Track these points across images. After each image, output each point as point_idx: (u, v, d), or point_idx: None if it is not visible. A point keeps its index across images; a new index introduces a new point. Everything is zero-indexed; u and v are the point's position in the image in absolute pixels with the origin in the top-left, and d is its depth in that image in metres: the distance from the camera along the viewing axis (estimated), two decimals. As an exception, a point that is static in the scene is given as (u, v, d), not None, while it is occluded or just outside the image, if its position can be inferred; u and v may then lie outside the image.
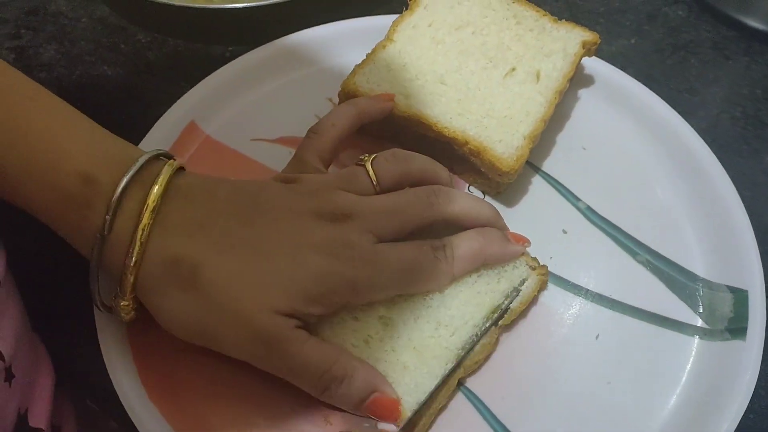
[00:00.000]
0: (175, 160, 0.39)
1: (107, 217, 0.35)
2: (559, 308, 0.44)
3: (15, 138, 0.36)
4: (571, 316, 0.44)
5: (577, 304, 0.44)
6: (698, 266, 0.45)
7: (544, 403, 0.41)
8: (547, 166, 0.50)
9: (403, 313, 0.40)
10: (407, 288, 0.40)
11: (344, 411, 0.39)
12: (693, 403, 0.40)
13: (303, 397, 0.38)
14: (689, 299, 0.44)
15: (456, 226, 0.42)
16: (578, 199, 0.48)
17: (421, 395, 0.38)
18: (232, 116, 0.51)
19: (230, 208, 0.38)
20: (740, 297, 0.43)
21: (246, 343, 0.36)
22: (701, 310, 0.44)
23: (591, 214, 0.48)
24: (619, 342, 0.43)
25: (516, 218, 0.47)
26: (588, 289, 0.45)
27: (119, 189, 0.36)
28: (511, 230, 0.45)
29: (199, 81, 0.51)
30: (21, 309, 0.37)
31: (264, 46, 0.53)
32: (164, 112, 0.49)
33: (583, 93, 0.53)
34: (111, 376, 0.39)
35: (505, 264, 0.43)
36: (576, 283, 0.45)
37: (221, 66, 0.52)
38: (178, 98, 0.50)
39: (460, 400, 0.41)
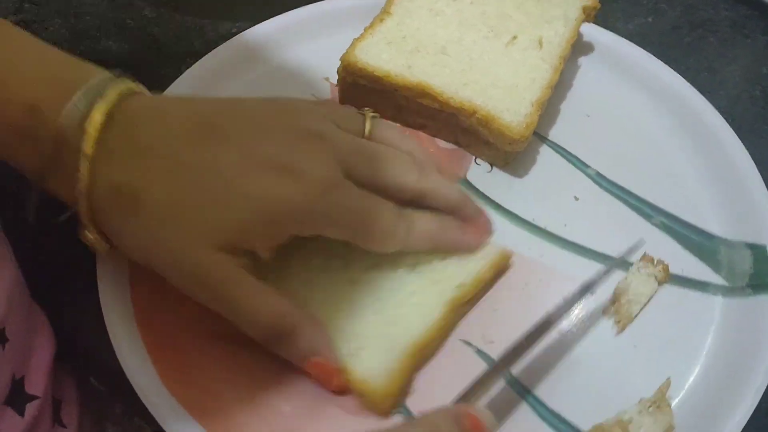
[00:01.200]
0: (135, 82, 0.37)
1: (52, 154, 0.34)
2: (578, 275, 0.43)
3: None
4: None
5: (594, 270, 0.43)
6: (714, 225, 0.45)
7: (569, 369, 0.40)
8: (552, 134, 0.49)
9: (359, 280, 0.39)
10: (356, 237, 0.37)
11: None
12: (721, 361, 0.40)
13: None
14: (708, 259, 0.44)
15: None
16: (587, 166, 0.48)
17: (368, 370, 0.37)
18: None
19: (182, 131, 0.35)
20: (759, 252, 0.43)
21: (187, 282, 0.35)
22: (721, 269, 0.43)
23: (601, 180, 0.47)
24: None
25: (526, 188, 0.47)
26: (606, 254, 0.44)
27: (61, 120, 0.33)
28: (522, 200, 0.45)
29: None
30: (15, 272, 0.36)
31: (260, 24, 0.52)
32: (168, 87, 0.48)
33: (583, 61, 0.52)
34: (117, 354, 0.38)
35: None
36: (592, 248, 0.44)
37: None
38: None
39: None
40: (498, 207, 0.46)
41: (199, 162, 0.34)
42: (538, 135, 0.48)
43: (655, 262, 0.43)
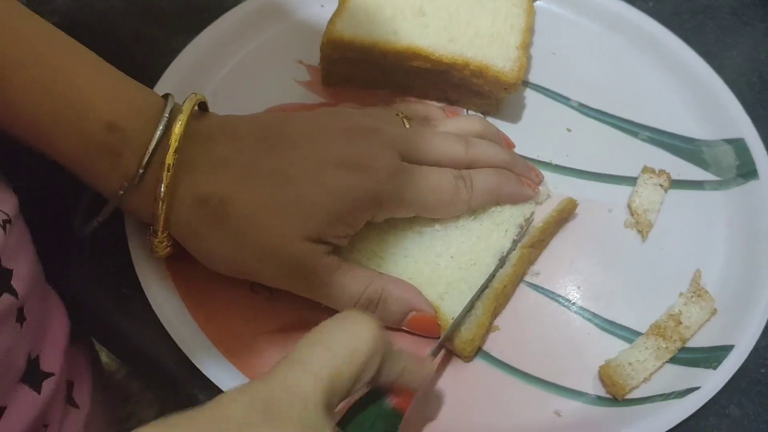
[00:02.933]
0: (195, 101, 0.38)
1: (140, 171, 0.35)
2: (595, 198, 0.46)
3: (45, 89, 0.35)
4: (606, 203, 0.46)
5: (608, 191, 0.47)
6: (694, 130, 0.49)
7: (611, 281, 0.43)
8: (529, 77, 0.52)
9: (422, 242, 0.42)
10: (428, 208, 0.41)
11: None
12: (739, 244, 0.44)
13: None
14: (695, 160, 0.48)
15: None
16: (569, 99, 0.51)
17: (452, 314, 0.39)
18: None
19: (254, 142, 0.38)
20: (739, 145, 0.48)
21: (281, 275, 0.37)
22: (709, 166, 0.48)
23: (585, 109, 0.50)
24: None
25: (521, 130, 0.49)
26: (610, 174, 0.47)
27: (154, 141, 0.35)
28: (522, 141, 0.48)
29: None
30: (34, 252, 0.37)
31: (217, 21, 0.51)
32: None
33: (540, 4, 0.54)
34: (152, 302, 0.39)
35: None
36: (597, 171, 0.48)
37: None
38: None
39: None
40: (501, 151, 0.48)
41: (276, 168, 0.37)
42: (518, 79, 0.51)
43: (657, 171, 0.47)
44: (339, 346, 0.29)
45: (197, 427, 0.25)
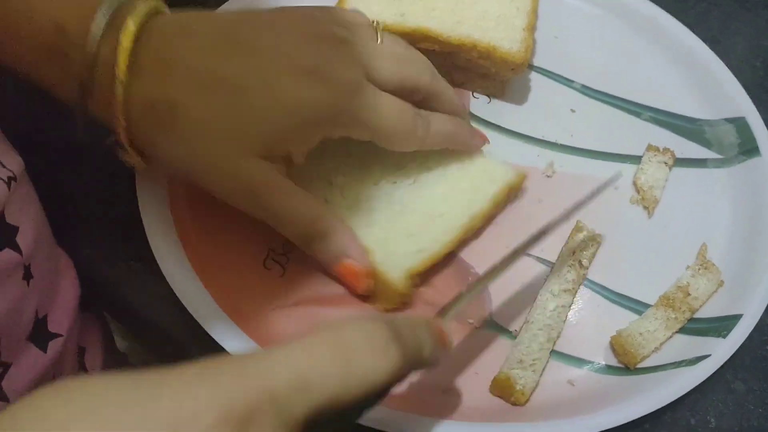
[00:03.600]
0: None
1: (84, 71, 0.33)
2: (601, 176, 0.47)
3: None
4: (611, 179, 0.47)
5: (613, 169, 0.47)
6: (695, 110, 0.50)
7: (619, 257, 0.44)
8: (533, 60, 0.52)
9: (381, 186, 0.43)
10: (382, 135, 0.39)
11: None
12: (742, 220, 0.45)
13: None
14: (698, 139, 0.49)
15: None
16: (572, 81, 0.52)
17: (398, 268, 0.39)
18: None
19: (208, 44, 0.35)
20: (740, 124, 0.49)
21: (231, 190, 0.37)
22: (712, 145, 0.49)
23: (588, 91, 0.51)
24: (658, 190, 0.47)
25: (526, 112, 0.50)
26: (615, 153, 0.48)
27: (91, 36, 0.33)
28: (527, 122, 0.49)
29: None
30: (40, 212, 0.37)
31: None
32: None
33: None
34: (160, 264, 0.39)
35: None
36: (601, 150, 0.48)
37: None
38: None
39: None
40: (507, 131, 0.49)
41: (231, 74, 0.34)
42: (522, 62, 0.52)
43: (662, 149, 0.48)
44: (354, 371, 0.24)
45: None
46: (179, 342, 0.40)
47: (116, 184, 0.42)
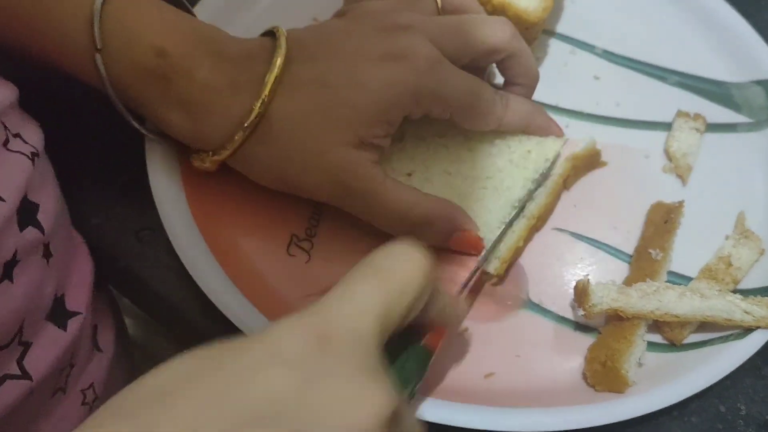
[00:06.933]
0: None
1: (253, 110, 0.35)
2: (630, 145, 0.45)
3: (86, 19, 0.34)
4: (642, 149, 0.45)
5: (643, 137, 0.46)
6: (723, 74, 0.49)
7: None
8: (549, 24, 0.50)
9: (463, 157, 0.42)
10: (462, 112, 0.39)
11: None
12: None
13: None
14: (727, 103, 0.47)
15: None
16: (593, 47, 0.49)
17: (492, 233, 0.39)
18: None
19: (291, 53, 0.36)
20: (769, 86, 0.47)
21: (324, 185, 0.37)
22: (741, 109, 0.47)
23: (611, 56, 0.49)
24: (690, 157, 0.45)
25: (548, 80, 0.46)
26: (643, 120, 0.46)
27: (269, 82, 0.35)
28: (550, 91, 0.46)
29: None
30: (57, 188, 0.37)
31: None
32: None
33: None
34: (171, 237, 0.38)
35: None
36: (629, 118, 0.46)
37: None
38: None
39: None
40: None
41: (314, 77, 0.36)
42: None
43: (693, 115, 0.46)
44: (392, 281, 0.27)
45: (248, 359, 0.23)
46: (189, 317, 0.39)
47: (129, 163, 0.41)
